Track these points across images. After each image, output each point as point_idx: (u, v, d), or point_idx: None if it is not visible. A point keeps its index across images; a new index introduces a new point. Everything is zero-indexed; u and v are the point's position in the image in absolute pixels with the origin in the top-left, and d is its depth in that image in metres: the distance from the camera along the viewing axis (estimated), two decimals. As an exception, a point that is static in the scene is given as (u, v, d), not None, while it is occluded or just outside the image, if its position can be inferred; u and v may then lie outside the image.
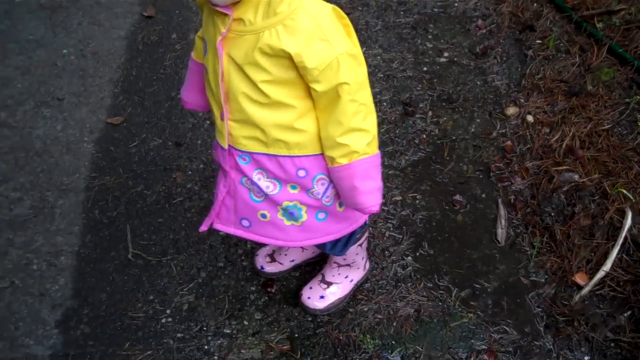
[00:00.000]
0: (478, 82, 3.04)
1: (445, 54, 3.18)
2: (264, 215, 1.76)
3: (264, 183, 1.69)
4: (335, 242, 1.95)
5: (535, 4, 3.34)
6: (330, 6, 1.52)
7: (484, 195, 2.58)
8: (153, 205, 2.58)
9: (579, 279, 2.26)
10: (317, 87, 1.50)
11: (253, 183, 1.70)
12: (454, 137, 2.80)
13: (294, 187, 1.70)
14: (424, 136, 2.81)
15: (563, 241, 2.34)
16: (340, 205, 1.78)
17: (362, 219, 1.89)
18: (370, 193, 1.66)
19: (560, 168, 2.58)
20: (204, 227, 1.88)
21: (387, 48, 3.24)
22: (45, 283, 2.35)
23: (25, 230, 2.51)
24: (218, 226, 1.86)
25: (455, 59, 3.15)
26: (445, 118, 2.89)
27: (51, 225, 2.53)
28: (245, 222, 1.81)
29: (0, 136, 2.85)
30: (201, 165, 2.72)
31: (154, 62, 3.18)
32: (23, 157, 2.76)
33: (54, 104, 2.98)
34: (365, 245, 2.17)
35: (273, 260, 2.30)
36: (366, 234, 2.13)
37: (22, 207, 2.59)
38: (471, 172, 2.67)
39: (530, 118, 2.82)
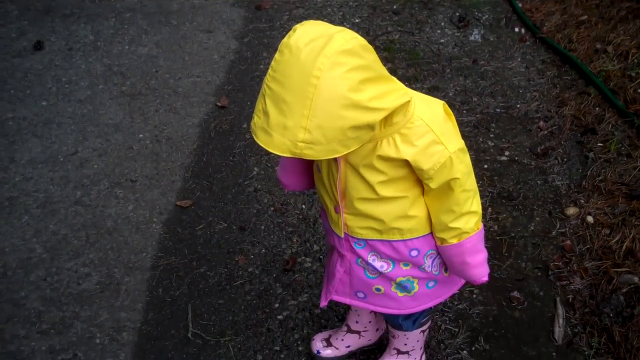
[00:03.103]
0: (538, 182, 3.07)
1: (506, 153, 3.23)
2: (378, 289, 1.84)
3: (379, 263, 1.77)
4: (409, 315, 2.01)
5: (597, 108, 3.39)
6: (441, 104, 1.58)
7: (542, 293, 2.57)
8: (214, 286, 2.66)
9: (639, 383, 2.21)
10: (431, 183, 1.57)
11: (368, 263, 1.78)
12: (513, 234, 2.81)
13: (406, 265, 1.78)
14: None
15: (621, 343, 2.30)
16: (446, 270, 1.85)
17: (462, 281, 1.95)
18: (480, 265, 1.76)
19: (620, 269, 2.56)
20: (324, 303, 1.96)
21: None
22: (107, 357, 2.42)
23: (91, 304, 2.61)
24: (335, 297, 1.93)
25: (516, 158, 3.20)
26: (504, 215, 2.91)
27: (116, 301, 2.62)
28: (360, 294, 1.89)
29: (74, 214, 2.99)
30: (263, 250, 2.79)
31: (224, 150, 3.32)
32: (94, 235, 2.89)
33: (127, 185, 3.14)
34: (426, 334, 2.20)
35: (329, 345, 2.33)
36: (430, 322, 2.16)
37: (89, 282, 2.69)
38: (529, 270, 2.66)
39: (590, 219, 2.83)
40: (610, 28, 3.86)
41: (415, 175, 1.60)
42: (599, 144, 3.18)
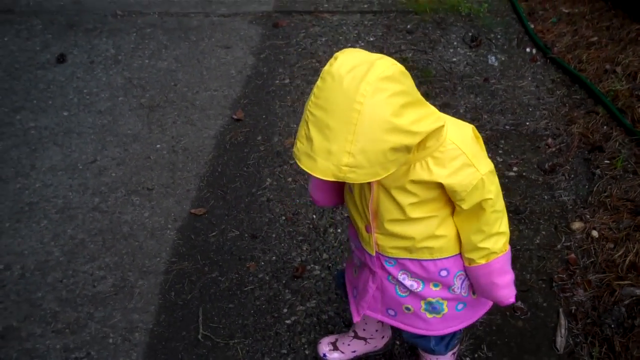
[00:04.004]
0: (545, 197, 3.13)
1: (515, 169, 3.29)
2: (408, 309, 1.89)
3: (409, 282, 1.82)
4: (441, 339, 2.06)
5: (605, 127, 3.44)
6: (470, 127, 1.64)
7: (545, 304, 2.62)
8: (225, 291, 2.73)
9: (639, 393, 2.25)
10: (464, 205, 1.62)
11: (399, 281, 1.83)
12: (519, 247, 2.87)
13: (436, 285, 1.82)
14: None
15: (622, 353, 2.34)
16: (474, 293, 1.89)
17: (490, 302, 1.99)
18: (508, 286, 1.80)
19: (622, 282, 2.61)
20: (357, 318, 2.01)
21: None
22: (119, 356, 2.49)
23: (105, 306, 2.69)
24: (368, 313, 1.98)
25: (524, 174, 3.26)
26: (511, 228, 2.92)
27: (129, 303, 2.70)
28: (391, 312, 1.94)
29: (91, 219, 3.09)
30: (273, 257, 2.87)
31: (239, 161, 3.41)
32: (110, 240, 2.98)
33: (143, 193, 3.23)
34: (456, 356, 2.28)
35: (335, 348, 2.39)
36: (459, 344, 2.23)
37: (104, 284, 2.78)
38: (534, 282, 2.71)
39: (595, 233, 2.88)
40: (619, 49, 3.92)
41: (446, 197, 1.65)
42: (605, 161, 3.23)
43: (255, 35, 4.51)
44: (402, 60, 4.13)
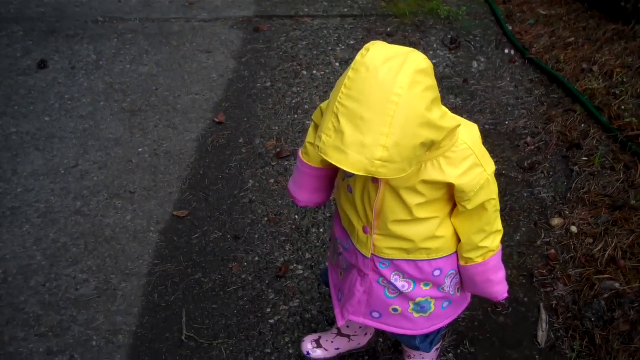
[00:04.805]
0: (525, 194, 3.16)
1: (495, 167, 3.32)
2: (395, 310, 1.89)
3: (400, 283, 1.81)
4: (426, 337, 2.07)
5: (582, 125, 3.49)
6: (476, 126, 1.65)
7: (526, 299, 2.65)
8: (209, 292, 2.74)
9: (619, 384, 2.28)
10: (469, 205, 1.62)
11: (389, 283, 1.82)
12: (500, 244, 2.90)
13: (426, 285, 1.83)
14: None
15: (602, 345, 2.38)
16: (459, 290, 1.91)
17: (469, 299, 2.01)
18: (502, 282, 1.84)
19: (602, 276, 2.65)
20: (341, 322, 1.99)
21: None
22: (103, 359, 2.50)
23: (88, 309, 2.69)
24: (350, 317, 1.96)
25: (504, 172, 3.29)
26: (491, 226, 2.99)
27: (113, 305, 2.70)
28: (375, 314, 1.93)
29: (74, 223, 3.08)
30: (256, 258, 2.88)
31: (221, 163, 3.42)
32: (93, 243, 2.98)
33: (125, 197, 3.23)
34: (439, 351, 2.33)
35: (319, 346, 2.40)
36: (442, 339, 2.25)
37: (87, 287, 2.78)
38: (515, 277, 2.74)
39: (574, 229, 2.91)
40: (596, 49, 3.98)
41: (448, 197, 1.65)
42: (583, 158, 3.28)
43: (236, 39, 4.52)
44: (383, 63, 4.15)
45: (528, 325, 2.56)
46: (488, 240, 1.72)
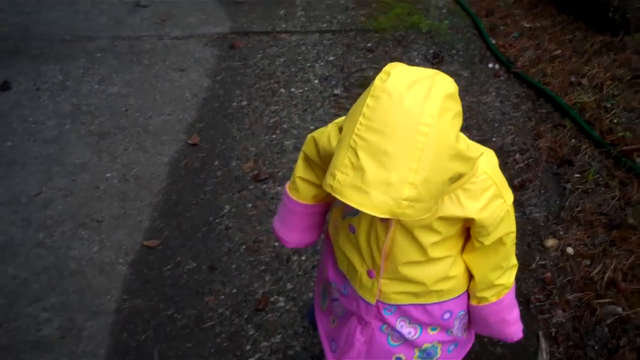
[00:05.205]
0: (516, 214, 2.97)
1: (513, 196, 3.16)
2: (398, 359, 1.67)
3: (406, 329, 1.62)
4: None
5: (573, 140, 3.34)
6: (492, 152, 1.46)
7: (524, 328, 2.47)
8: (182, 329, 2.53)
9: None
10: (487, 240, 1.45)
11: (394, 330, 1.62)
12: (493, 269, 2.72)
13: (434, 329, 1.64)
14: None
15: (609, 379, 2.21)
16: (465, 330, 1.72)
17: (473, 338, 1.81)
18: (517, 321, 1.66)
19: (602, 301, 2.48)
20: None
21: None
22: (66, 406, 2.28)
23: (51, 351, 2.47)
24: None
25: (494, 191, 3.13)
26: (484, 249, 2.82)
27: (77, 347, 2.48)
28: None
29: (35, 256, 2.86)
30: (234, 290, 2.67)
31: (195, 188, 3.22)
32: (56, 278, 2.76)
33: (92, 226, 3.02)
34: None
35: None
36: None
37: (50, 327, 2.56)
38: (511, 305, 2.57)
39: (570, 250, 2.75)
40: (584, 61, 3.84)
41: (462, 231, 1.48)
42: (576, 175, 3.12)
43: (210, 57, 4.35)
44: (364, 79, 4.00)
45: (527, 355, 2.38)
46: (504, 276, 1.54)
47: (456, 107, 1.18)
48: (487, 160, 1.41)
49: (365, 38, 4.47)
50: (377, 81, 1.18)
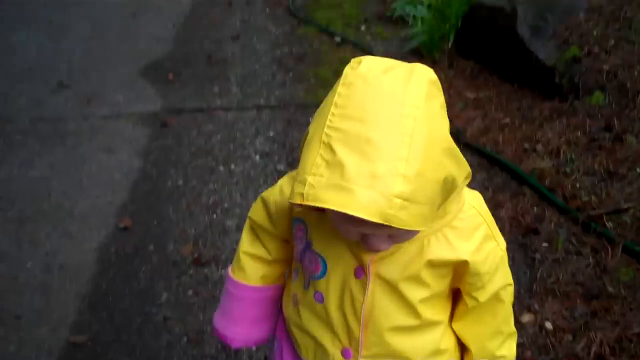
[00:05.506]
0: (485, 289, 2.77)
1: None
2: None
3: None
4: None
5: (535, 208, 3.16)
6: (478, 192, 1.25)
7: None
8: None
9: None
10: (481, 295, 1.20)
11: None
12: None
13: None
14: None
15: None
16: None
17: None
18: None
19: (594, 380, 2.24)
20: None
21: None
22: None
23: None
24: None
25: (458, 265, 2.91)
26: (454, 328, 2.57)
27: None
28: None
29: (-58, 362, 2.46)
30: (176, 390, 2.33)
31: (128, 275, 2.89)
32: (-34, 386, 2.36)
33: (9, 323, 2.64)
34: None
35: None
36: None
37: None
38: (492, 390, 2.30)
39: (549, 325, 2.52)
40: (535, 128, 3.72)
41: (450, 289, 1.23)
42: (544, 244, 2.92)
43: (141, 136, 4.07)
44: (307, 153, 3.78)
45: None
46: (505, 346, 1.27)
47: (442, 97, 1.00)
48: (473, 195, 1.21)
49: (306, 113, 4.29)
50: (348, 69, 0.99)
